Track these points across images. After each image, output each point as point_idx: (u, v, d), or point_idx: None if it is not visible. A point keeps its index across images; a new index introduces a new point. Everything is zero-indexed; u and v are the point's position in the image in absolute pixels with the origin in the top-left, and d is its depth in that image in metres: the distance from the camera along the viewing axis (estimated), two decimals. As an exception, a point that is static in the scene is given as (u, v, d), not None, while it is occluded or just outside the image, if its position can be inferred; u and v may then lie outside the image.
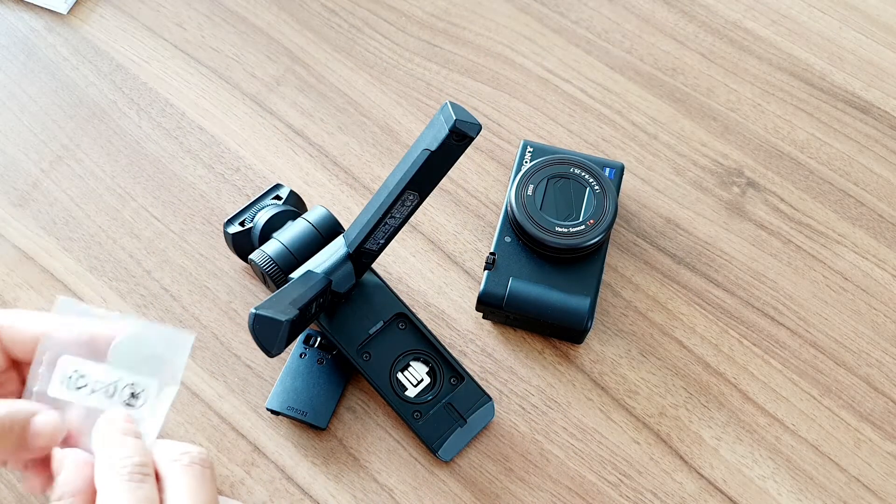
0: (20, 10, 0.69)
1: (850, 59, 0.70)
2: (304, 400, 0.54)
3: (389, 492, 0.53)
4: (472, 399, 0.54)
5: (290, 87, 0.67)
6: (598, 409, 0.56)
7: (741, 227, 0.62)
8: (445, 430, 0.53)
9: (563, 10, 0.71)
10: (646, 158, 0.64)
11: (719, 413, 0.56)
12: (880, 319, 0.59)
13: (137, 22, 0.69)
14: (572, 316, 0.54)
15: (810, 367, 0.57)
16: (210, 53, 0.68)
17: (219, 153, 0.64)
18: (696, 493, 0.53)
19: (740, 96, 0.67)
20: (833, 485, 0.54)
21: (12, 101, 0.65)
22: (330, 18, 0.70)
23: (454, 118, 0.42)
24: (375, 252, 0.51)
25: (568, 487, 0.53)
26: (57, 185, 0.62)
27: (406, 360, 0.54)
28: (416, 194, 0.47)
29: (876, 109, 0.67)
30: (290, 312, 0.46)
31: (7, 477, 0.53)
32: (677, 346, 0.58)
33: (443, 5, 0.71)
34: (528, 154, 0.60)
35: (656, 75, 0.68)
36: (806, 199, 0.63)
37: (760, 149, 0.65)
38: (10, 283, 0.58)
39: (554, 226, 0.55)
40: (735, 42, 0.70)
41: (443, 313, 0.58)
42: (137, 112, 0.65)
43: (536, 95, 0.67)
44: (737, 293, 0.60)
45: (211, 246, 0.60)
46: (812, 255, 0.61)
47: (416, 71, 0.68)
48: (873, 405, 0.56)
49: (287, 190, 0.58)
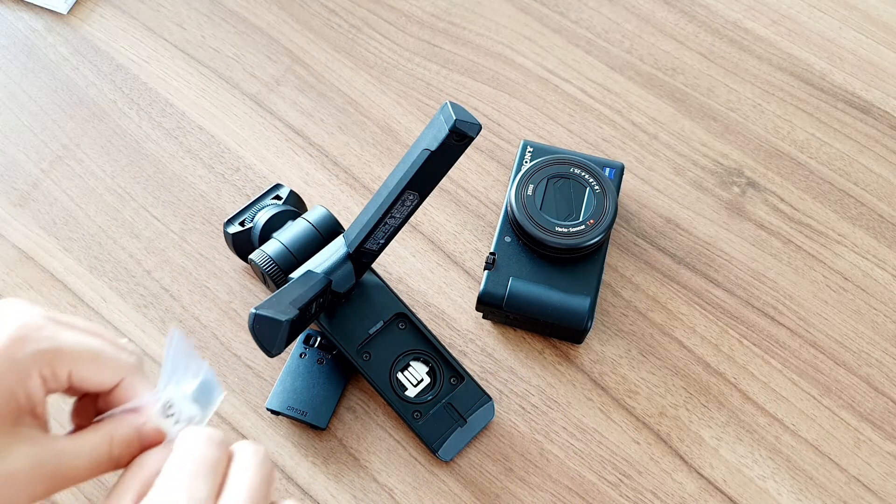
0: (20, 10, 0.69)
1: (850, 59, 0.70)
2: (304, 400, 0.54)
3: (389, 492, 0.53)
4: (472, 399, 0.54)
5: (290, 87, 0.67)
6: (598, 409, 0.56)
7: (741, 227, 0.62)
8: (445, 430, 0.53)
9: (563, 10, 0.71)
10: (646, 158, 0.64)
11: (719, 413, 0.56)
12: (880, 319, 0.59)
13: (137, 22, 0.69)
14: (572, 316, 0.54)
15: (810, 367, 0.57)
16: (210, 53, 0.68)
17: (219, 153, 0.64)
18: (696, 493, 0.53)
19: (740, 96, 0.67)
20: (833, 485, 0.54)
21: (12, 101, 0.65)
22: (330, 18, 0.70)
23: (454, 118, 0.42)
24: (375, 252, 0.51)
25: (568, 487, 0.53)
26: (57, 185, 0.62)
27: (406, 360, 0.54)
28: (416, 194, 0.47)
29: (876, 109, 0.67)
30: (290, 312, 0.46)
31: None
32: (677, 346, 0.58)
33: (443, 5, 0.71)
34: (528, 154, 0.60)
35: (656, 75, 0.68)
36: (806, 199, 0.63)
37: (760, 149, 0.65)
38: (10, 283, 0.58)
39: (554, 226, 0.55)
40: (735, 42, 0.70)
41: (443, 313, 0.58)
42: (137, 112, 0.65)
43: (536, 95, 0.67)
44: (737, 293, 0.60)
45: (211, 246, 0.60)
46: (812, 255, 0.61)
47: (416, 71, 0.68)
48: (873, 405, 0.56)
49: (287, 190, 0.58)
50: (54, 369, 0.37)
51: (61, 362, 0.37)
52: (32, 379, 0.36)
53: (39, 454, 0.36)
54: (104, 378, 0.39)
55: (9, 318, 0.37)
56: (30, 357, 0.36)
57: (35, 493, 0.36)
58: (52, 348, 0.37)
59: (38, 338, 0.37)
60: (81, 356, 0.38)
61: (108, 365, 0.39)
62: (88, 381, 0.38)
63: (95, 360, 0.38)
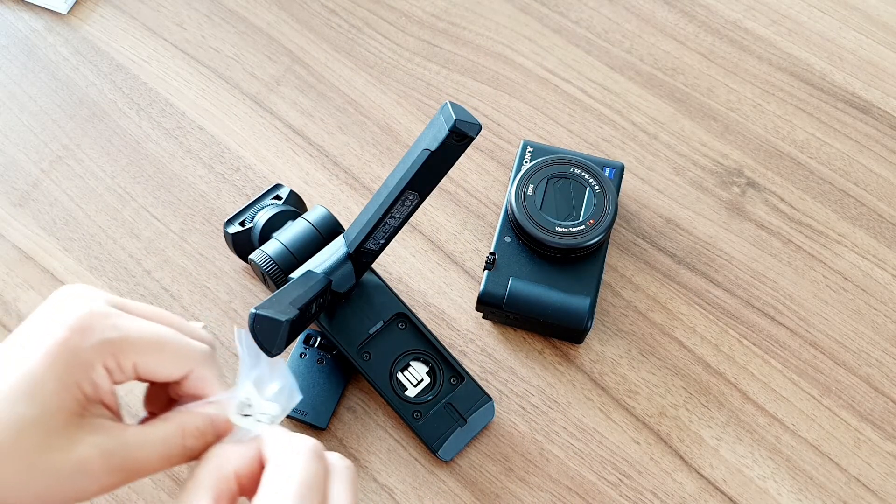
0: (20, 10, 0.69)
1: (850, 59, 0.70)
2: (304, 400, 0.54)
3: (389, 492, 0.53)
4: (472, 399, 0.54)
5: (290, 87, 0.67)
6: (598, 409, 0.56)
7: (741, 227, 0.62)
8: (445, 430, 0.53)
9: (563, 10, 0.71)
10: (646, 158, 0.64)
11: (719, 413, 0.56)
12: (880, 319, 0.59)
13: (137, 22, 0.69)
14: (572, 316, 0.54)
15: (810, 367, 0.57)
16: (210, 53, 0.68)
17: (219, 153, 0.64)
18: (696, 492, 0.53)
19: (740, 96, 0.67)
20: (833, 485, 0.54)
21: (12, 101, 0.65)
22: (330, 18, 0.70)
23: (454, 118, 0.42)
24: (375, 252, 0.51)
25: (568, 487, 0.53)
26: (57, 185, 0.62)
27: (406, 360, 0.54)
28: (416, 194, 0.47)
29: (876, 109, 0.67)
30: (290, 312, 0.46)
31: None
32: (677, 346, 0.58)
33: (443, 5, 0.71)
34: (528, 154, 0.60)
35: (656, 75, 0.68)
36: (806, 199, 0.63)
37: (760, 149, 0.65)
38: (11, 283, 0.58)
39: (554, 226, 0.55)
40: (735, 42, 0.70)
41: (443, 313, 0.58)
42: (137, 112, 0.65)
43: (536, 95, 0.67)
44: (737, 293, 0.60)
45: (211, 246, 0.60)
46: (812, 255, 0.61)
47: (416, 71, 0.68)
48: (873, 405, 0.56)
49: (287, 190, 0.58)
50: (119, 360, 0.36)
51: (126, 353, 0.36)
52: (97, 370, 0.35)
53: (108, 444, 0.35)
54: (171, 369, 0.37)
55: (71, 305, 0.36)
56: (93, 348, 0.35)
57: (105, 483, 0.35)
58: (117, 338, 0.35)
59: (103, 327, 0.35)
60: (147, 347, 0.36)
61: (175, 355, 0.37)
62: (155, 372, 0.37)
63: (161, 350, 0.37)
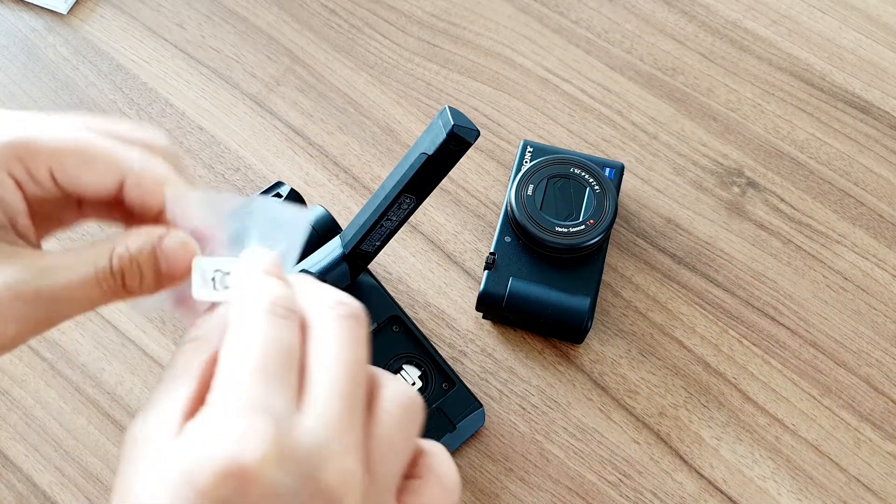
0: (20, 10, 0.69)
1: (850, 59, 0.69)
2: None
3: (389, 492, 0.53)
4: (462, 405, 0.53)
5: (290, 87, 0.67)
6: (598, 409, 0.56)
7: (741, 227, 0.62)
8: (434, 435, 0.52)
9: (563, 10, 0.71)
10: (646, 158, 0.64)
11: (719, 413, 0.56)
12: (880, 319, 0.59)
13: (137, 22, 0.69)
14: (572, 316, 0.54)
15: (810, 367, 0.57)
16: (210, 53, 0.68)
17: (219, 153, 0.64)
18: (696, 492, 0.53)
19: (740, 96, 0.67)
20: (833, 485, 0.54)
21: (12, 101, 0.65)
22: (330, 18, 0.70)
23: (452, 123, 0.42)
24: (371, 254, 0.51)
25: (568, 487, 0.53)
26: (57, 186, 0.62)
27: (398, 364, 0.54)
28: (413, 198, 0.47)
29: (876, 109, 0.67)
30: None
31: (7, 477, 0.53)
32: (677, 346, 0.58)
33: (443, 5, 0.71)
34: (528, 154, 0.60)
35: (656, 75, 0.68)
36: (806, 199, 0.63)
37: (760, 149, 0.65)
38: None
39: (554, 226, 0.55)
40: (735, 42, 0.70)
41: (443, 313, 0.58)
42: (137, 112, 0.65)
43: (536, 95, 0.67)
44: (737, 293, 0.60)
45: (211, 246, 0.60)
46: (812, 255, 0.61)
47: (416, 71, 0.68)
48: (873, 405, 0.56)
49: (288, 188, 0.58)
50: (28, 167, 0.30)
51: (34, 158, 0.30)
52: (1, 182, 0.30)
53: (18, 273, 0.29)
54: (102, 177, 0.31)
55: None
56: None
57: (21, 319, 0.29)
58: (19, 142, 0.30)
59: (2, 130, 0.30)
60: (62, 149, 0.30)
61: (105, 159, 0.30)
62: (81, 182, 0.31)
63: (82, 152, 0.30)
